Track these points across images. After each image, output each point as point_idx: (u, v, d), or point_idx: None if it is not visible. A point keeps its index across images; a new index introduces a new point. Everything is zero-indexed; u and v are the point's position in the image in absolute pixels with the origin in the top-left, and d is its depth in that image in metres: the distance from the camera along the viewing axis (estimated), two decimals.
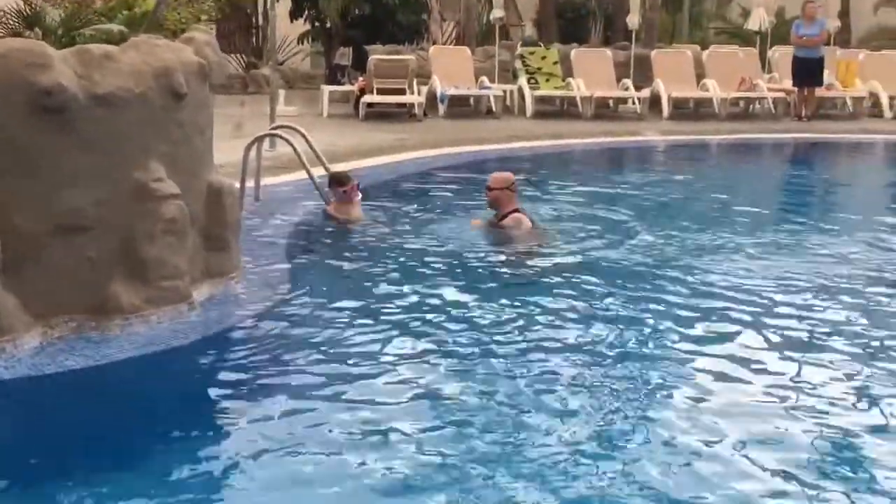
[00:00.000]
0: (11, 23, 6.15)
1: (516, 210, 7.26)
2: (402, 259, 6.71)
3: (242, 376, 4.59)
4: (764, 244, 7.32)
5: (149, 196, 4.94)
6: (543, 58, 17.62)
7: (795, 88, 17.42)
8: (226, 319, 5.28)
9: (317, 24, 21.09)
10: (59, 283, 4.73)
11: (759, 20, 18.99)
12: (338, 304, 5.60)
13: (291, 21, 21.41)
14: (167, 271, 5.03)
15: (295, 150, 7.76)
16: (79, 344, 4.66)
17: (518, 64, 17.63)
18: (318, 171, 8.22)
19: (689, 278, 6.30)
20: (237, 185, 7.57)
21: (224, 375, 4.67)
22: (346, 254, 6.86)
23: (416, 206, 8.69)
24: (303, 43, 22.24)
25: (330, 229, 7.56)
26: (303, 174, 8.07)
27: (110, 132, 4.81)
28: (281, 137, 8.18)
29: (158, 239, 4.97)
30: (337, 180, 7.78)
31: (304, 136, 8.32)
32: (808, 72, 17.15)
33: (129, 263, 4.92)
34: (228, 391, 4.44)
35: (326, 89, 16.50)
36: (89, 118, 4.70)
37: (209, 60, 5.54)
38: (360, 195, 7.76)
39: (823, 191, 11.59)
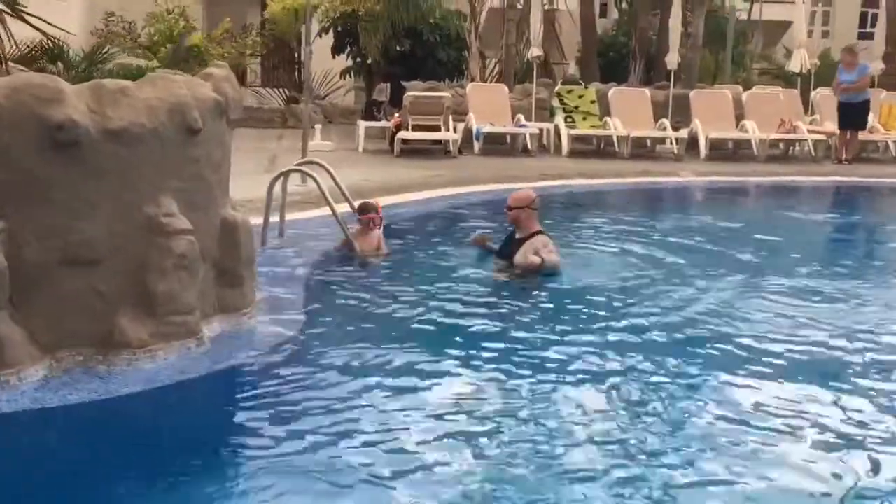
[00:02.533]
0: (34, 56, 6.22)
1: (540, 231, 7.16)
2: (419, 296, 6.65)
3: (248, 413, 4.55)
4: (798, 289, 7.18)
5: (160, 231, 4.95)
6: (581, 96, 17.61)
7: (837, 131, 17.23)
8: (235, 355, 5.23)
9: (358, 59, 21.26)
10: (66, 315, 4.73)
11: (800, 62, 18.87)
12: (351, 342, 5.54)
13: (334, 57, 21.63)
14: (176, 306, 5.02)
15: (318, 185, 7.77)
16: (83, 378, 4.65)
17: (555, 102, 17.63)
18: (344, 208, 8.23)
19: (718, 320, 6.23)
20: (259, 219, 7.63)
21: (229, 412, 4.65)
22: (364, 291, 6.82)
23: (439, 242, 8.65)
24: (345, 78, 22.43)
25: (350, 266, 7.53)
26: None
27: (122, 167, 4.82)
28: (304, 173, 8.19)
29: (168, 274, 4.97)
30: (358, 208, 7.79)
31: (329, 172, 8.32)
32: (849, 116, 16.98)
33: (138, 297, 4.91)
34: (232, 428, 4.41)
35: (362, 125, 16.60)
36: (101, 152, 4.73)
37: (227, 96, 5.55)
38: (381, 227, 7.74)
39: (862, 235, 11.39)
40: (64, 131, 4.53)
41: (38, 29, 5.95)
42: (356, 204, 7.94)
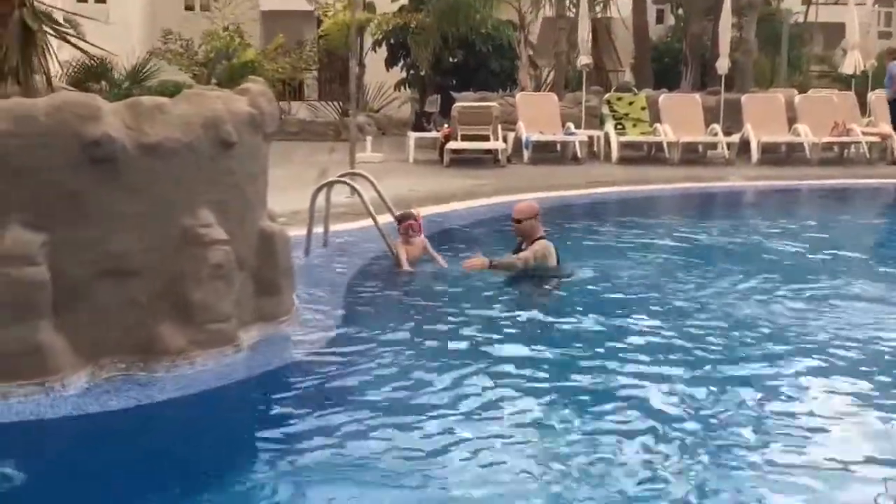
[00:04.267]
0: (77, 76, 6.47)
1: (542, 237, 7.30)
2: (458, 306, 6.73)
3: (283, 417, 4.70)
4: (850, 295, 7.17)
5: (196, 242, 5.12)
6: (631, 103, 17.59)
7: (892, 132, 17.01)
8: (272, 362, 5.39)
9: (412, 71, 21.46)
10: (107, 325, 4.91)
11: (853, 64, 18.65)
12: (387, 350, 5.64)
13: (388, 69, 21.85)
14: (213, 315, 5.18)
15: (360, 195, 7.90)
16: (124, 385, 4.83)
17: (605, 109, 17.63)
18: (388, 219, 8.38)
19: (773, 326, 6.26)
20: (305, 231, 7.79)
21: (265, 416, 4.79)
22: (404, 300, 6.95)
23: (483, 251, 8.72)
24: (399, 90, 22.64)
25: (390, 274, 7.65)
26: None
27: (159, 180, 5.00)
28: (346, 184, 8.34)
29: (205, 283, 5.14)
30: (397, 218, 7.94)
31: (372, 183, 8.47)
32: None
33: (176, 306, 5.08)
34: (267, 433, 4.54)
35: (413, 136, 16.76)
36: (138, 167, 4.91)
37: (262, 110, 5.71)
38: (421, 234, 7.83)
39: None
40: (101, 147, 4.72)
41: (81, 50, 6.16)
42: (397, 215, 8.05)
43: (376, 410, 4.68)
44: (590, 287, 7.26)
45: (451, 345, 5.80)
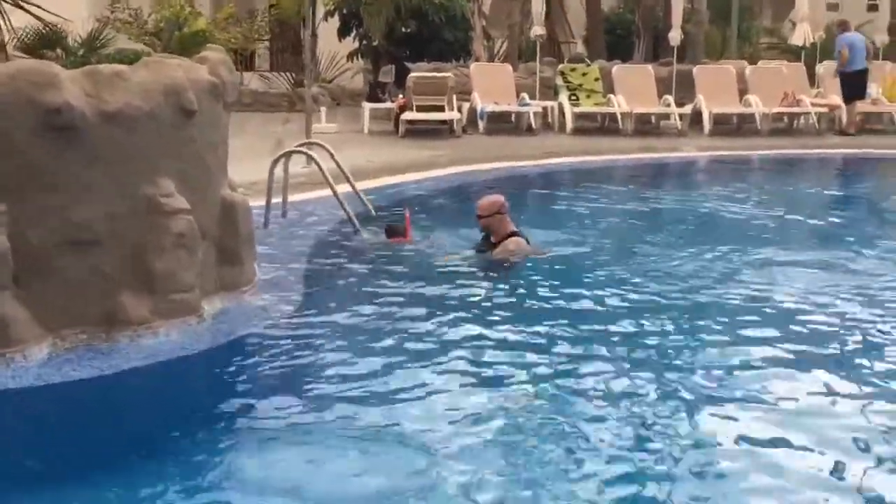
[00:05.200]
0: (29, 43, 6.35)
1: (515, 233, 7.09)
2: (420, 275, 6.75)
3: (246, 388, 4.71)
4: (803, 261, 7.30)
5: (158, 211, 5.08)
6: (584, 74, 17.65)
7: (840, 103, 17.27)
8: (234, 331, 5.37)
9: (364, 42, 21.32)
10: (69, 295, 4.87)
11: (803, 35, 18.86)
12: (348, 320, 5.64)
13: (340, 39, 21.66)
14: (176, 284, 5.15)
15: (318, 166, 7.88)
16: (87, 355, 4.79)
17: (559, 80, 17.68)
18: (345, 188, 8.37)
19: (726, 296, 6.32)
20: (262, 201, 7.75)
21: (227, 386, 4.77)
22: (363, 270, 6.95)
23: (440, 222, 8.75)
24: (352, 61, 22.48)
25: (349, 244, 7.64)
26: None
27: (120, 149, 4.95)
28: (305, 154, 8.30)
29: (167, 253, 5.10)
30: (386, 231, 7.70)
31: (330, 153, 8.44)
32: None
33: (138, 276, 5.05)
34: (230, 402, 4.52)
35: (367, 106, 16.70)
36: (99, 135, 4.85)
37: (223, 79, 5.67)
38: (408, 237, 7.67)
39: (863, 207, 11.42)
40: (60, 115, 4.66)
41: (35, 16, 6.06)
42: (384, 227, 7.62)
43: (339, 379, 4.70)
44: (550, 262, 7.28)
45: (414, 311, 5.82)
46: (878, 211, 10.75)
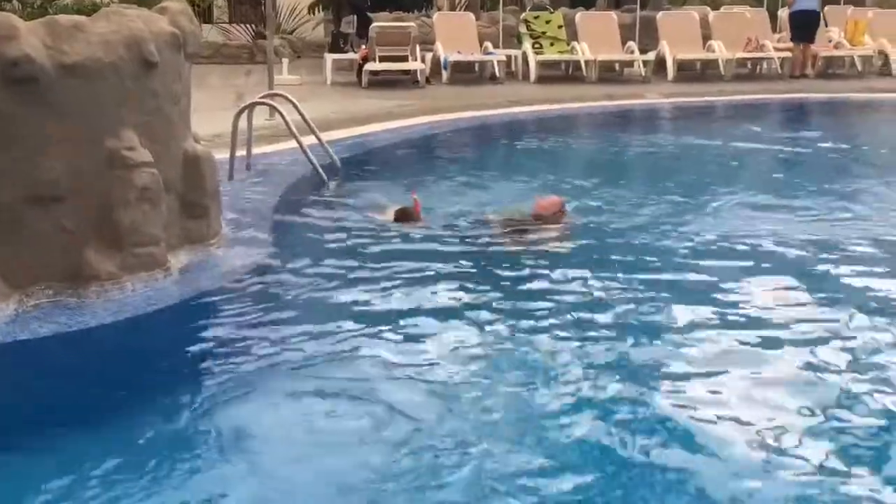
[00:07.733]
0: None
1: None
2: (386, 228, 6.74)
3: (214, 341, 4.66)
4: (771, 205, 7.36)
5: (121, 164, 5.01)
6: (548, 22, 17.57)
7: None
8: (202, 285, 5.33)
9: None
10: (34, 251, 4.82)
11: None
12: (317, 272, 5.62)
13: None
14: (141, 238, 5.11)
15: (283, 117, 7.81)
16: (54, 311, 4.74)
17: (522, 28, 17.59)
18: (310, 140, 8.30)
19: (691, 240, 6.35)
20: (226, 154, 7.68)
21: (197, 338, 4.73)
22: (332, 223, 6.91)
23: (403, 174, 8.71)
24: (313, 12, 22.22)
25: (316, 198, 7.60)
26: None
27: (81, 102, 4.87)
28: (269, 105, 8.22)
29: (132, 206, 5.05)
30: (395, 217, 7.06)
31: (294, 104, 8.36)
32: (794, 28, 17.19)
33: (103, 231, 5.00)
34: (199, 356, 4.50)
35: (329, 58, 16.53)
36: (59, 88, 4.77)
37: (183, 29, 5.59)
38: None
39: (825, 152, 11.44)
40: (19, 67, 4.58)
41: None
42: (392, 212, 7.07)
43: (307, 332, 4.67)
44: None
45: (379, 264, 5.80)
46: (826, 152, 10.82)
